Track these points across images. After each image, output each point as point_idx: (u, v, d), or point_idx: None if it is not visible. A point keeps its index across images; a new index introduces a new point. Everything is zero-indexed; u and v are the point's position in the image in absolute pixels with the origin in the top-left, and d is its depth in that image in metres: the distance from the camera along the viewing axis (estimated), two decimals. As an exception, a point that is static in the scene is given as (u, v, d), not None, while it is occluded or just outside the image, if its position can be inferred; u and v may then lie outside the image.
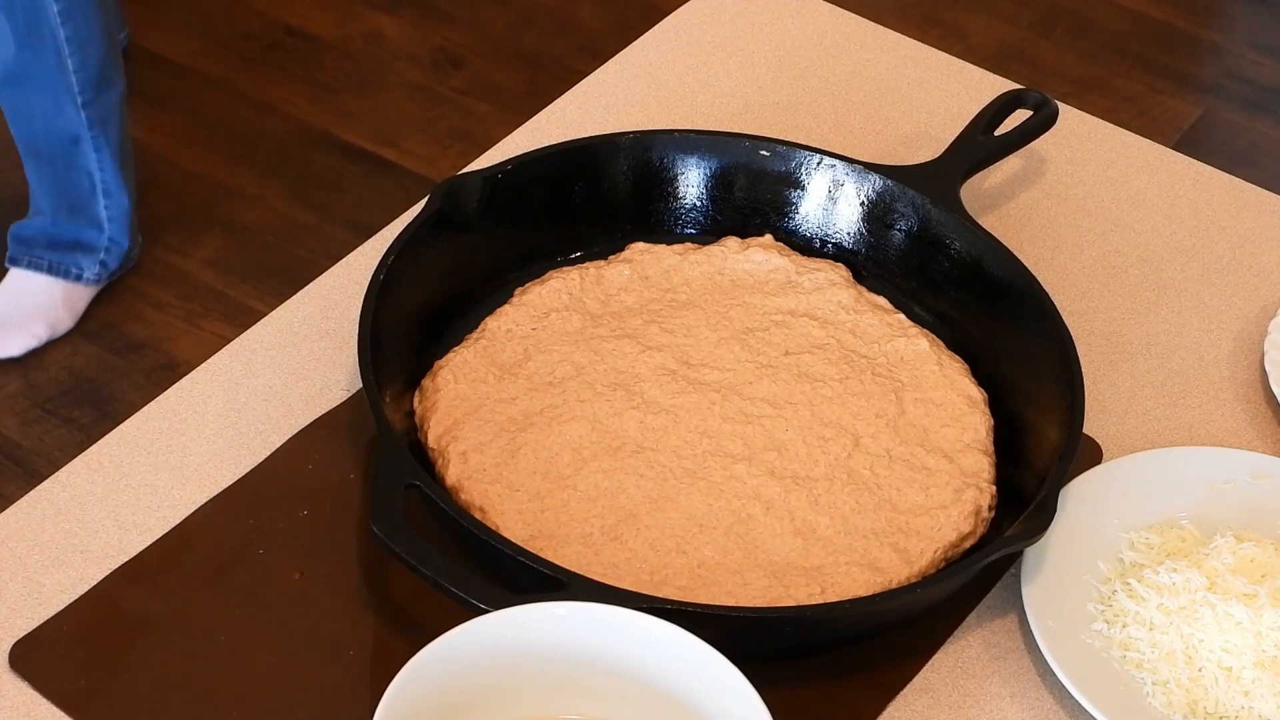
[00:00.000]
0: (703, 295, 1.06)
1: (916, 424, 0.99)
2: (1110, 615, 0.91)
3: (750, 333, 1.03)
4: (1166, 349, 1.10)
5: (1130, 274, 1.15)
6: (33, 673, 0.87)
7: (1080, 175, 1.22)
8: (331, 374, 1.03)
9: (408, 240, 1.01)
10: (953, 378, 1.02)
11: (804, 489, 0.95)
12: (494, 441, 0.95)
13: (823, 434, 0.98)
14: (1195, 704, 0.87)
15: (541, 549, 0.90)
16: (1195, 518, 0.96)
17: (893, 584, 0.91)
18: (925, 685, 0.90)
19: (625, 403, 0.98)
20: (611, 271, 1.07)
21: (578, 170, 1.09)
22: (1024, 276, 1.03)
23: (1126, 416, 1.05)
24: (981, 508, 0.95)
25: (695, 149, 1.11)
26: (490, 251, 1.07)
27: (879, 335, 1.04)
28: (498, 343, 1.01)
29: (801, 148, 1.11)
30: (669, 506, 0.93)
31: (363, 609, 0.90)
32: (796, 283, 1.07)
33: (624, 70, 1.29)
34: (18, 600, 0.90)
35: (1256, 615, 0.88)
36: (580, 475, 0.94)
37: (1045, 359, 1.00)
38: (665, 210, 1.12)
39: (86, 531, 0.93)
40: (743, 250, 1.08)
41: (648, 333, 1.02)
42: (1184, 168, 1.24)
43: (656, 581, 0.90)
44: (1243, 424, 1.05)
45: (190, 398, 1.01)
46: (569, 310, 1.04)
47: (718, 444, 0.96)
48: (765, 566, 0.91)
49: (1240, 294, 1.14)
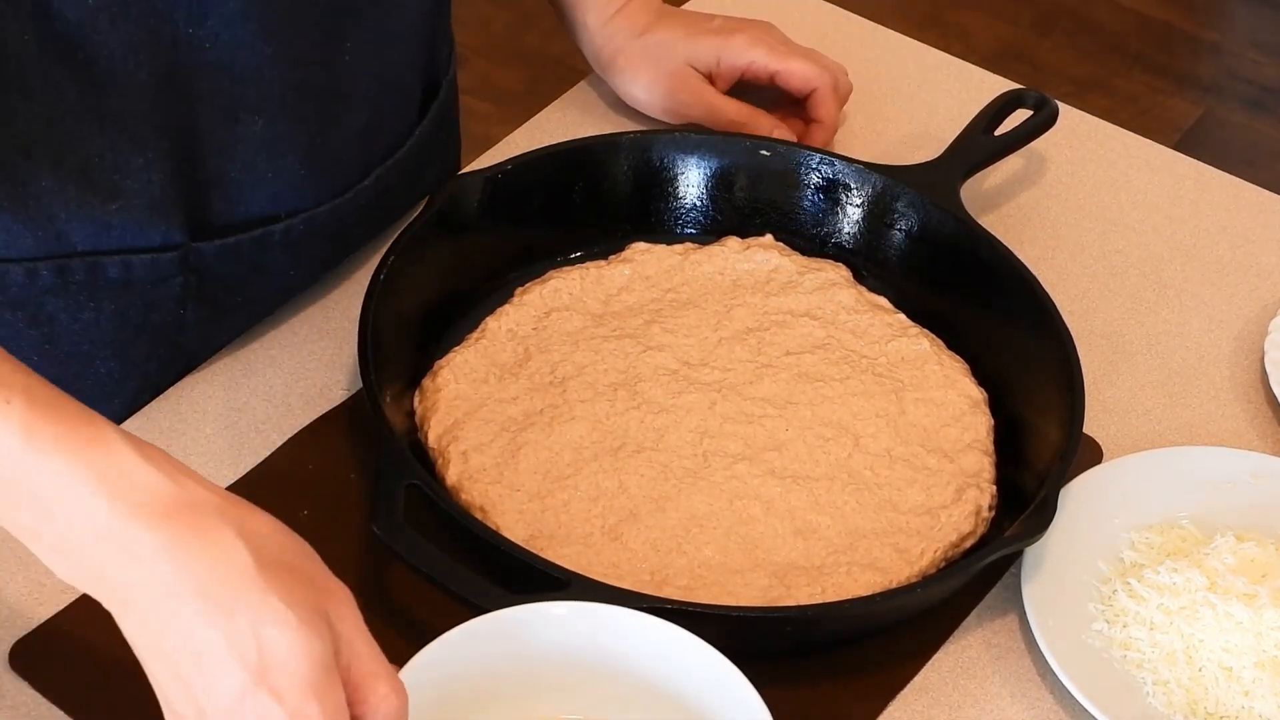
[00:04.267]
0: (703, 295, 1.06)
1: (917, 424, 0.99)
2: (1110, 615, 0.91)
3: (751, 333, 1.03)
4: (1166, 349, 1.10)
5: (1130, 274, 1.15)
6: (33, 673, 0.87)
7: (1080, 175, 1.22)
8: (331, 374, 1.03)
9: (408, 240, 1.01)
10: (953, 378, 1.02)
11: (805, 489, 0.95)
12: (494, 441, 0.95)
13: (823, 434, 0.98)
14: (1195, 704, 0.87)
15: (542, 549, 0.90)
16: (1195, 518, 0.96)
17: (893, 584, 0.91)
18: (925, 685, 0.90)
19: (626, 402, 0.98)
20: (612, 271, 1.07)
21: (578, 170, 1.09)
22: (1024, 276, 1.03)
23: (1126, 416, 1.05)
24: (982, 508, 0.95)
25: (695, 149, 1.11)
26: (491, 251, 1.07)
27: (880, 335, 1.04)
28: (498, 343, 1.01)
29: (802, 148, 1.11)
30: (670, 506, 0.93)
31: (363, 609, 0.90)
32: (797, 283, 1.07)
33: (624, 70, 1.28)
34: (18, 600, 0.90)
35: (1257, 615, 0.88)
36: (581, 475, 0.94)
37: (1045, 359, 1.00)
38: (666, 210, 1.12)
39: (87, 531, 0.93)
40: (743, 250, 1.08)
41: (649, 333, 1.02)
42: (1184, 168, 1.24)
43: (657, 581, 0.90)
44: (1243, 424, 1.05)
45: (190, 397, 1.01)
46: (570, 310, 1.04)
47: (718, 444, 0.96)
48: (766, 566, 0.91)
49: (1240, 294, 1.14)
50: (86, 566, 0.71)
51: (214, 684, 0.69)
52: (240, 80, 0.93)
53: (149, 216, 0.95)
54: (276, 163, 0.98)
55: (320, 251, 1.05)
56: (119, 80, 0.89)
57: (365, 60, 1.00)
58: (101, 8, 0.87)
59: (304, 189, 1.00)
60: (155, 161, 0.93)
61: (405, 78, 1.07)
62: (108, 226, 0.94)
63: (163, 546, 0.69)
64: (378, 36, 1.01)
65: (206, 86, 0.92)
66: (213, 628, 0.68)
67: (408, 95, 1.08)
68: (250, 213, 0.99)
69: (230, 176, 0.97)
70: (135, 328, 0.98)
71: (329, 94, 0.99)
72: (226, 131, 0.95)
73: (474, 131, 2.63)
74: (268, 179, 0.98)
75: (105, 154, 0.91)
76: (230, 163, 0.96)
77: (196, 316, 1.00)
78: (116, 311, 0.97)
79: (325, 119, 0.99)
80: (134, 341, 0.98)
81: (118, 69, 0.89)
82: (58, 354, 0.96)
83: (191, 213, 0.96)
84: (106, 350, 0.98)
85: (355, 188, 1.04)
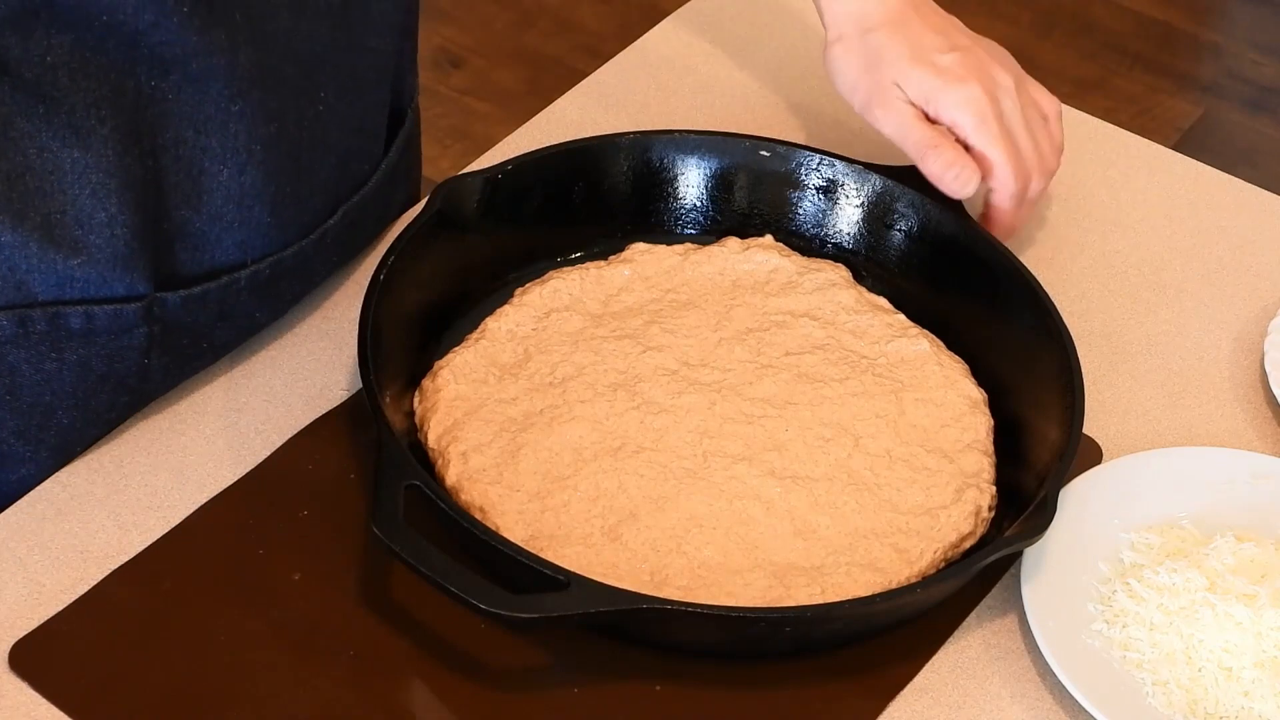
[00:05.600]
0: (703, 296, 1.06)
1: (917, 424, 0.99)
2: (1110, 615, 0.91)
3: (751, 333, 1.03)
4: (1166, 349, 1.10)
5: (1130, 274, 1.15)
6: (33, 673, 0.87)
7: (1080, 175, 1.22)
8: (331, 374, 1.03)
9: (408, 240, 1.01)
10: (953, 378, 1.02)
11: (804, 489, 0.95)
12: (494, 442, 0.95)
13: (823, 434, 0.98)
14: (1195, 704, 0.87)
15: (542, 549, 0.90)
16: (1195, 518, 0.96)
17: (893, 584, 0.91)
18: (925, 685, 0.90)
19: (626, 403, 0.98)
20: (612, 272, 1.07)
21: (578, 170, 1.09)
22: (1022, 276, 1.03)
23: (1126, 416, 1.05)
24: (982, 508, 0.95)
25: (695, 149, 1.11)
26: (490, 252, 1.07)
27: (879, 335, 1.04)
28: (498, 343, 1.02)
29: (801, 148, 1.11)
30: (669, 507, 0.93)
31: (363, 609, 0.90)
32: (797, 283, 1.07)
33: (624, 70, 1.29)
34: (18, 600, 0.90)
35: (1257, 615, 0.88)
36: (580, 475, 0.94)
37: (1044, 359, 1.00)
38: (665, 210, 1.12)
39: (86, 531, 0.93)
40: (743, 251, 1.08)
41: (648, 333, 1.02)
42: (1184, 168, 1.24)
43: (657, 582, 0.90)
44: (1243, 424, 1.05)
45: (190, 398, 1.01)
46: (569, 310, 1.04)
47: (718, 444, 0.96)
48: (766, 567, 0.91)
49: (1240, 294, 1.14)
50: None
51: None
52: (205, 132, 0.91)
53: (113, 269, 0.92)
54: (244, 213, 0.96)
55: (287, 291, 1.03)
56: (80, 135, 0.88)
57: (337, 110, 0.98)
58: (60, 64, 0.85)
59: (271, 235, 0.98)
60: (119, 216, 0.91)
61: (375, 119, 1.05)
62: (70, 279, 0.92)
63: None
64: (350, 85, 0.99)
65: (171, 138, 0.91)
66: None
67: (376, 134, 1.06)
68: (217, 262, 0.97)
69: (195, 227, 0.95)
70: (99, 377, 0.95)
71: (299, 145, 0.97)
72: (192, 183, 0.93)
73: (474, 131, 2.64)
74: (234, 228, 0.96)
75: (68, 209, 0.89)
76: (196, 214, 0.94)
77: (160, 364, 0.98)
78: (79, 362, 0.94)
79: (295, 168, 0.97)
80: (97, 391, 0.96)
81: (79, 124, 0.87)
82: (19, 405, 0.94)
83: (157, 264, 0.94)
84: (69, 400, 0.95)
85: (322, 227, 1.02)
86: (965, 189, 1.05)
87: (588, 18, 2.80)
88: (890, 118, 1.08)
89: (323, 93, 0.97)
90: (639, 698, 0.87)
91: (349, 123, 1.01)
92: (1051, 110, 1.11)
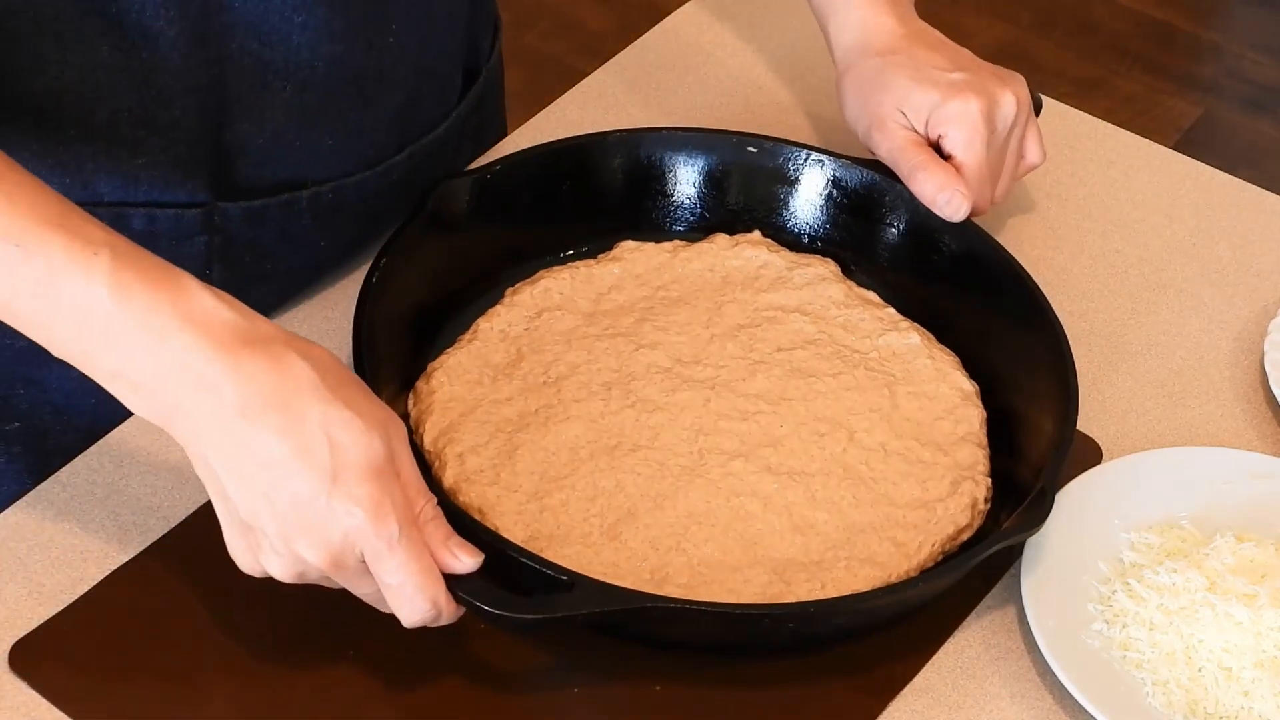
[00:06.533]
0: (694, 292, 1.06)
1: (910, 418, 0.99)
2: (1110, 615, 0.91)
3: (742, 329, 1.03)
4: (1166, 349, 1.10)
5: (1130, 274, 1.15)
6: (33, 673, 0.87)
7: (1080, 175, 1.22)
8: (331, 374, 1.03)
9: (400, 242, 1.01)
10: (945, 371, 1.02)
11: (801, 484, 0.95)
12: (490, 442, 0.95)
13: (818, 429, 0.98)
14: (1195, 704, 0.87)
15: (541, 549, 0.90)
16: (1195, 518, 0.96)
17: (892, 578, 0.91)
18: (925, 685, 0.90)
19: (620, 401, 0.98)
20: (602, 270, 1.07)
21: (566, 169, 1.09)
22: (1012, 268, 1.03)
23: (1126, 416, 1.05)
24: (977, 500, 0.95)
25: (683, 146, 1.11)
26: (481, 252, 1.07)
27: (870, 330, 1.04)
28: (491, 343, 1.01)
29: (789, 144, 1.11)
30: (667, 504, 0.93)
31: (363, 609, 0.90)
32: (787, 278, 1.07)
33: (624, 70, 1.29)
34: (18, 600, 0.90)
35: (1256, 615, 0.88)
36: (578, 475, 0.94)
37: (1036, 350, 1.00)
38: (654, 208, 1.11)
39: (86, 531, 0.93)
40: (732, 247, 1.08)
41: (640, 331, 1.02)
42: (1184, 168, 1.24)
43: (658, 580, 0.90)
44: (1243, 424, 1.05)
45: (190, 398, 1.01)
46: (561, 310, 1.04)
47: (714, 441, 0.96)
48: (765, 563, 0.91)
49: (1240, 294, 1.14)
50: (162, 400, 0.78)
51: (289, 490, 0.75)
52: (269, 44, 0.94)
53: (174, 173, 0.96)
54: (305, 133, 0.99)
55: (350, 223, 1.05)
56: (148, 35, 0.90)
57: (406, 44, 1.00)
58: None
59: (333, 160, 1.01)
60: (182, 119, 0.94)
61: (444, 65, 1.07)
62: (135, 179, 0.95)
63: (234, 372, 0.75)
64: (420, 21, 1.01)
65: (235, 47, 0.93)
66: (285, 436, 0.75)
67: (446, 82, 1.08)
68: (277, 177, 1.00)
69: (257, 142, 0.98)
70: None
71: (365, 73, 0.99)
72: (254, 97, 0.96)
73: (474, 132, 2.63)
74: (295, 147, 0.99)
75: (133, 108, 0.93)
76: (258, 128, 0.97)
77: (223, 279, 0.99)
78: None
79: (359, 97, 1.00)
80: None
81: (147, 24, 0.90)
82: None
83: (217, 173, 0.97)
84: None
85: (387, 162, 1.05)
86: (957, 212, 1.05)
87: (588, 18, 2.80)
88: (885, 141, 1.08)
89: (394, 24, 0.99)
90: (639, 698, 0.87)
91: (419, 61, 1.03)
92: (1031, 163, 1.10)
